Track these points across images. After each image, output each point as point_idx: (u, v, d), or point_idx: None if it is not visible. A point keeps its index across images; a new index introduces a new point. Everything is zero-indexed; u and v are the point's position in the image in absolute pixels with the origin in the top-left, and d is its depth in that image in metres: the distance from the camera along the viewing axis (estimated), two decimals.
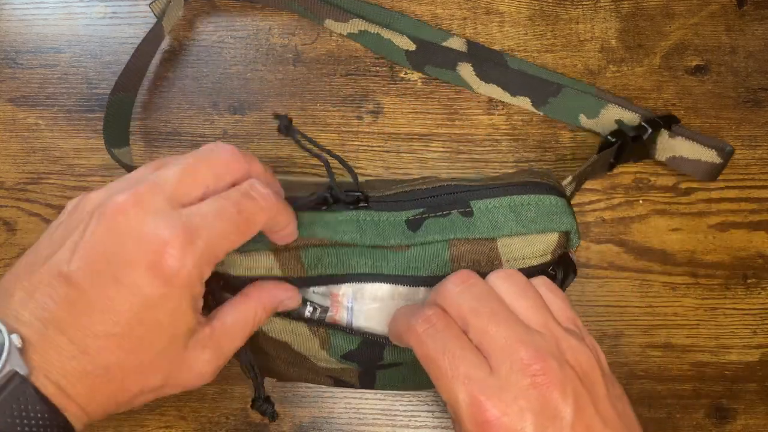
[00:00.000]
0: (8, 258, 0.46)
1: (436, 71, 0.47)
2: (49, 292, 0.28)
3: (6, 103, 0.48)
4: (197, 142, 0.47)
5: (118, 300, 0.28)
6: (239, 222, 0.30)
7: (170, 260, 0.28)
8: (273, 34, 0.49)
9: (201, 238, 0.29)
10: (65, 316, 0.28)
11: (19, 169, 0.47)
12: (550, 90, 0.46)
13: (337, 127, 0.47)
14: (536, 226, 0.35)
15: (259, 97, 0.48)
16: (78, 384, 0.28)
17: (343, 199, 0.36)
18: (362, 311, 0.37)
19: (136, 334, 0.28)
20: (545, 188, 0.36)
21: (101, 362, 0.28)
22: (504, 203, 0.36)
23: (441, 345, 0.30)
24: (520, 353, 0.29)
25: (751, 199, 0.46)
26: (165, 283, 0.28)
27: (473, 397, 0.29)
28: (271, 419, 0.39)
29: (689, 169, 0.45)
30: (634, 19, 0.48)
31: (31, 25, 0.49)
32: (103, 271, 0.28)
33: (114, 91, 0.44)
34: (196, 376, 0.32)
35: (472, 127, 0.47)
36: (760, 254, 0.46)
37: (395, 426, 0.45)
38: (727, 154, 0.43)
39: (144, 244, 0.28)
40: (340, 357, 0.37)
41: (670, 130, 0.44)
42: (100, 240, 0.28)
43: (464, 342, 0.30)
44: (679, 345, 0.46)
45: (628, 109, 0.45)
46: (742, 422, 0.45)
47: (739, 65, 0.48)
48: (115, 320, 0.28)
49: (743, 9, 0.48)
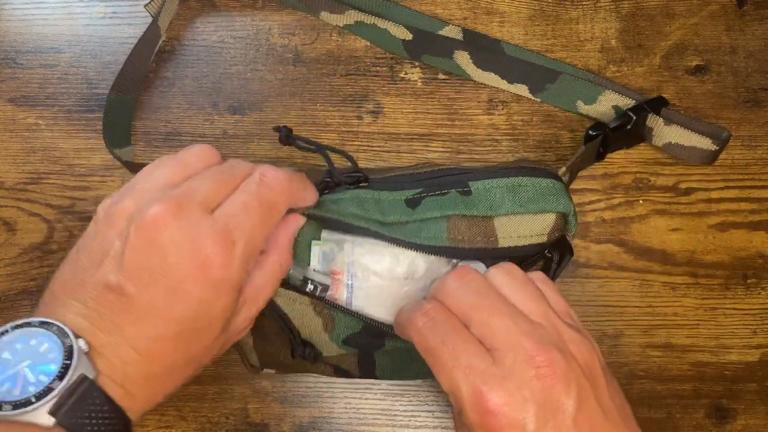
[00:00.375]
0: (8, 258, 0.46)
1: (433, 60, 0.47)
2: (102, 302, 0.29)
3: (6, 103, 0.48)
4: (197, 142, 0.47)
5: (172, 306, 0.29)
6: (264, 213, 0.31)
7: (217, 269, 0.30)
8: (273, 34, 0.49)
9: (238, 238, 0.30)
10: (122, 323, 0.29)
11: (19, 169, 0.47)
12: (547, 76, 0.46)
13: (337, 127, 0.47)
14: (533, 206, 0.36)
15: (259, 97, 0.48)
16: (142, 386, 0.29)
17: (344, 181, 0.36)
18: (362, 289, 0.37)
19: (190, 334, 0.30)
20: (543, 172, 0.37)
21: (161, 364, 0.30)
22: (501, 184, 0.36)
23: (441, 337, 0.30)
24: (524, 345, 0.29)
25: (751, 199, 0.46)
26: (215, 289, 0.30)
27: (475, 386, 0.29)
28: (312, 361, 0.39)
29: (686, 155, 0.45)
30: (634, 19, 0.48)
31: (31, 25, 0.49)
32: (151, 281, 0.29)
33: (111, 93, 0.44)
34: (236, 334, 0.34)
35: (472, 127, 0.47)
36: (760, 254, 0.46)
37: (395, 426, 0.45)
38: (723, 141, 0.43)
39: (190, 256, 0.29)
40: (342, 341, 0.37)
41: (659, 115, 0.44)
42: (143, 252, 0.29)
43: (465, 334, 0.30)
44: (679, 345, 0.46)
45: (625, 95, 0.45)
46: (742, 422, 0.45)
47: (739, 65, 0.48)
48: (171, 325, 0.29)
49: (743, 9, 0.48)
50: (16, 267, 0.46)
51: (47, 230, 0.46)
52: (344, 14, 0.47)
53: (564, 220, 0.37)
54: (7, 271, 0.46)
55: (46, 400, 0.26)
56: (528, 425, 0.28)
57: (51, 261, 0.46)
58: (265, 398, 0.45)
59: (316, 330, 0.37)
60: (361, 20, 0.47)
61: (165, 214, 0.29)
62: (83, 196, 0.47)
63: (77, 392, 0.27)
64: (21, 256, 0.46)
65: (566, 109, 0.47)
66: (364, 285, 0.37)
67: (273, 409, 0.45)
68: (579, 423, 0.28)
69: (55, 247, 0.46)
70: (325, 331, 0.37)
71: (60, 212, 0.47)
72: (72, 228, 0.46)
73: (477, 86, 0.48)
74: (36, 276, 0.46)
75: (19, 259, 0.46)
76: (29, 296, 0.46)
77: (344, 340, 0.37)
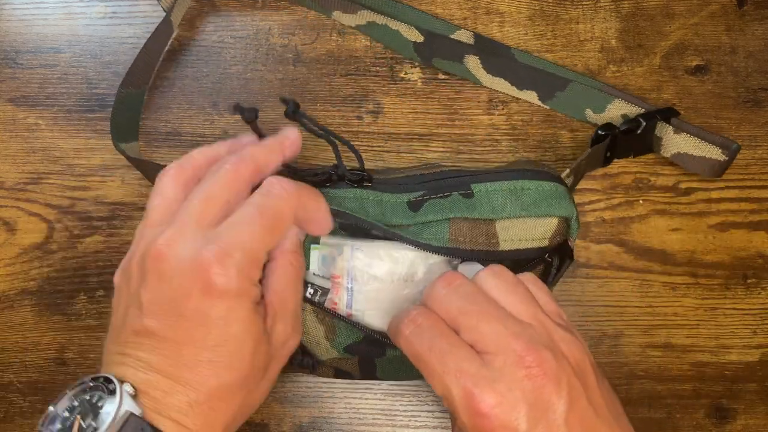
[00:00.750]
0: (8, 258, 0.46)
1: (443, 64, 0.47)
2: (136, 347, 0.31)
3: (6, 103, 0.48)
4: (197, 142, 0.47)
5: (193, 330, 0.30)
6: (266, 222, 0.32)
7: (217, 278, 0.30)
8: (273, 34, 0.49)
9: (235, 248, 0.30)
10: (158, 360, 0.30)
11: (19, 169, 0.47)
12: (557, 84, 0.46)
13: (337, 127, 0.47)
14: (536, 210, 0.36)
15: (259, 97, 0.48)
16: (191, 415, 0.30)
17: (347, 176, 0.36)
18: (362, 292, 0.37)
19: (223, 353, 0.30)
20: (546, 175, 0.37)
21: (203, 389, 0.30)
22: (504, 187, 0.36)
23: (427, 343, 0.31)
24: (513, 346, 0.29)
25: (751, 199, 0.46)
26: (222, 300, 0.30)
27: (466, 389, 0.29)
28: (311, 370, 0.39)
29: (694, 167, 0.45)
30: (634, 19, 0.48)
31: (30, 25, 0.49)
32: (170, 312, 0.30)
33: (122, 86, 0.44)
34: (281, 346, 0.34)
35: (472, 127, 0.47)
36: (760, 254, 0.46)
37: (395, 426, 0.45)
38: (732, 152, 0.43)
39: (190, 275, 0.30)
40: (343, 349, 0.37)
41: (669, 123, 0.44)
42: (155, 289, 0.31)
43: (452, 338, 0.30)
44: (679, 345, 0.46)
45: (634, 104, 0.45)
46: (742, 422, 0.45)
47: (739, 65, 0.48)
48: (199, 348, 0.30)
49: (743, 9, 0.48)
50: (16, 267, 0.46)
51: (47, 230, 0.46)
52: (357, 14, 0.47)
53: (566, 225, 0.37)
54: (7, 270, 0.46)
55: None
56: (520, 425, 0.28)
57: (51, 261, 0.46)
58: (265, 398, 0.45)
59: (317, 337, 0.37)
60: (373, 20, 0.47)
61: (162, 247, 0.31)
62: (83, 196, 0.47)
63: (125, 428, 0.28)
64: (21, 256, 0.46)
65: (576, 118, 0.47)
66: (363, 288, 0.37)
67: (273, 409, 0.45)
68: (570, 422, 0.28)
69: (54, 247, 0.46)
70: (327, 339, 0.37)
71: (60, 212, 0.47)
72: (72, 228, 0.46)
73: (477, 86, 0.48)
74: (36, 276, 0.46)
75: (18, 259, 0.46)
76: (29, 296, 0.46)
77: (345, 348, 0.37)
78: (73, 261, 0.46)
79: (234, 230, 0.31)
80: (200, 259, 0.30)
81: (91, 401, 0.29)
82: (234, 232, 0.31)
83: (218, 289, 0.30)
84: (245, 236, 0.31)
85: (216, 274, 0.30)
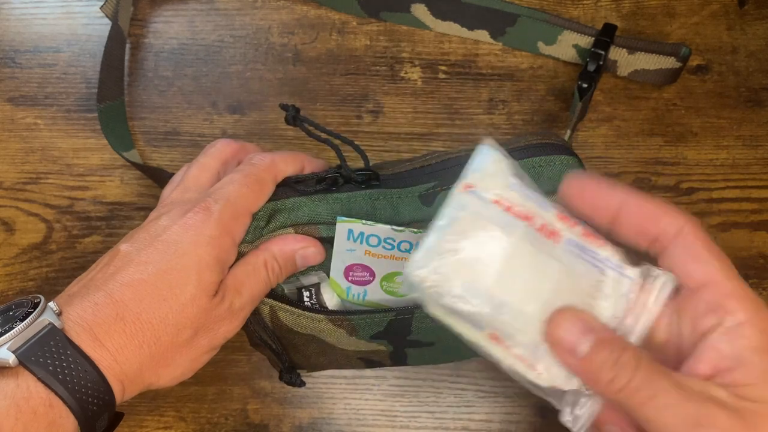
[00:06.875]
0: (7, 258, 0.46)
1: (391, 16, 0.47)
2: (97, 269, 0.33)
3: (5, 103, 0.48)
4: (197, 142, 0.47)
5: (150, 253, 0.32)
6: (248, 182, 0.34)
7: (198, 223, 0.33)
8: (272, 33, 0.49)
9: (217, 200, 0.33)
10: (101, 276, 0.32)
11: (18, 169, 0.47)
12: (506, 20, 0.46)
13: (337, 127, 0.47)
14: (550, 186, 0.35)
15: (259, 96, 0.48)
16: (111, 331, 0.30)
17: (354, 178, 0.36)
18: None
19: (164, 282, 0.31)
20: (556, 148, 0.36)
21: (133, 308, 0.31)
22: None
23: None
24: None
25: (752, 199, 0.46)
26: (195, 239, 0.32)
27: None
28: (299, 386, 0.40)
29: (651, 79, 0.46)
30: (635, 19, 0.48)
31: (29, 24, 0.49)
32: (147, 239, 0.33)
33: (98, 102, 0.45)
34: (220, 323, 0.34)
35: (472, 126, 0.47)
36: (762, 254, 0.46)
37: (395, 427, 0.45)
38: (683, 58, 0.44)
39: (177, 218, 0.33)
40: (370, 337, 0.37)
41: (614, 42, 0.44)
42: (142, 228, 0.34)
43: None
44: None
45: (583, 33, 0.45)
46: None
47: (740, 65, 0.48)
48: (145, 268, 0.32)
49: (744, 8, 0.48)
50: (15, 267, 0.46)
51: (46, 230, 0.46)
52: None
53: None
54: (6, 270, 0.46)
55: (7, 337, 0.29)
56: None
57: (49, 261, 0.46)
58: (265, 399, 0.45)
59: (342, 337, 0.37)
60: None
61: (157, 213, 0.35)
62: (82, 196, 0.47)
63: (39, 334, 0.29)
64: (20, 256, 0.46)
65: (529, 51, 0.47)
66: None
67: (272, 410, 0.45)
68: None
69: (53, 247, 0.46)
70: (351, 335, 0.37)
71: (59, 212, 0.46)
72: (71, 228, 0.46)
73: (477, 86, 0.48)
74: (34, 276, 0.46)
75: (17, 259, 0.46)
76: (28, 296, 0.46)
77: (372, 336, 0.37)
78: (72, 261, 0.46)
79: (221, 189, 0.34)
80: (188, 210, 0.33)
81: (9, 313, 0.30)
82: (219, 189, 0.34)
83: (197, 231, 0.32)
84: (228, 192, 0.34)
85: (197, 219, 0.33)
